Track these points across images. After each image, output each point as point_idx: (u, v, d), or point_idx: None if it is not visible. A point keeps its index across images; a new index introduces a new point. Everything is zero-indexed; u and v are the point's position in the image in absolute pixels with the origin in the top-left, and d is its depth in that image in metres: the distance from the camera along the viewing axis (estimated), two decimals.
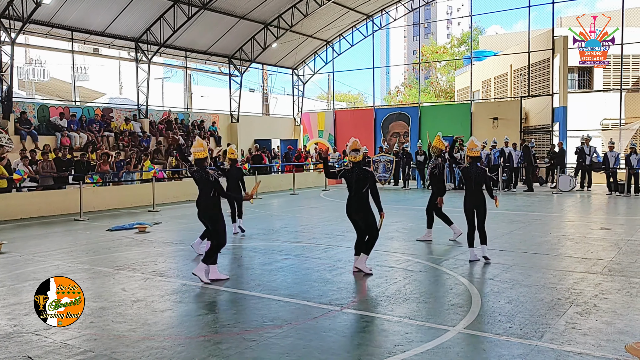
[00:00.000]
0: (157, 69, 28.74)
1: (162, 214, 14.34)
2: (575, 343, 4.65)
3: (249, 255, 8.85)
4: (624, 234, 10.14)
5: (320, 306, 5.83)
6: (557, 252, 8.60)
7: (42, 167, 15.04)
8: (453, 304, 5.84)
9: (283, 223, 12.52)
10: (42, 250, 9.38)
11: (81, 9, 18.52)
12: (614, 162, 18.08)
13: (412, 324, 5.23)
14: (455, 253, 8.52)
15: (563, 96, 22.28)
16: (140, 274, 7.44)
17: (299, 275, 7.31)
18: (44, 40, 19.98)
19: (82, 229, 12.02)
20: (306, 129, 29.91)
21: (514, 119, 23.48)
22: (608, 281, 6.70)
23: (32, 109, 18.50)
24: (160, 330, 5.17)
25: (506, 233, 10.33)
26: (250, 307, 5.91)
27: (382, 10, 27.16)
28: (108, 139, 19.28)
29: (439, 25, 73.55)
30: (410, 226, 11.47)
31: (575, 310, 5.54)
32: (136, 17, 20.08)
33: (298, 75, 29.80)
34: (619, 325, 5.07)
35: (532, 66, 24.38)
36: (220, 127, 25.10)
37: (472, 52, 28.07)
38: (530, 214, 13.30)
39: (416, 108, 26.71)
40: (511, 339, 4.75)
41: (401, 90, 53.85)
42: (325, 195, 19.24)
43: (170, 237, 10.70)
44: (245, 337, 4.92)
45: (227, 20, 22.54)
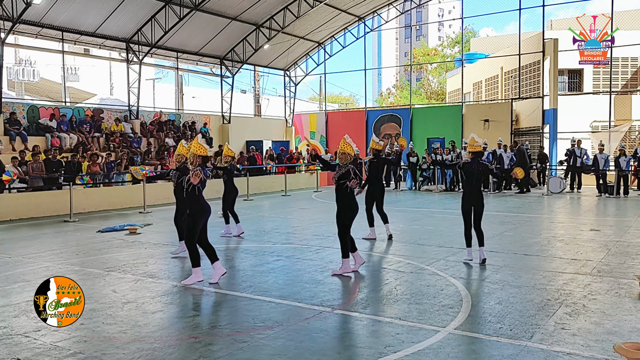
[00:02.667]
0: (148, 70, 28.64)
1: (152, 216, 14.28)
2: (565, 343, 4.68)
3: (240, 257, 8.84)
4: (613, 236, 10.23)
5: (311, 307, 5.83)
6: (547, 253, 8.66)
7: (32, 168, 14.94)
8: (444, 305, 5.86)
9: (274, 224, 12.51)
10: (31, 251, 9.31)
11: (72, 10, 18.42)
12: (603, 164, 18.24)
13: (403, 324, 5.25)
14: (446, 254, 8.56)
15: (553, 98, 22.43)
16: (130, 276, 7.41)
17: (291, 277, 7.32)
18: (34, 40, 19.85)
19: (72, 230, 11.95)
20: (298, 130, 29.91)
21: (504, 120, 23.61)
22: (597, 282, 6.75)
23: (21, 110, 18.37)
24: (151, 331, 5.15)
25: (497, 234, 10.38)
26: (241, 308, 5.90)
27: (373, 12, 27.22)
28: (98, 140, 19.18)
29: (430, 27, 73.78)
30: (402, 228, 11.49)
31: (565, 311, 5.58)
32: (127, 18, 20.00)
33: (290, 77, 29.80)
34: (608, 326, 5.12)
35: (523, 68, 24.54)
36: (212, 129, 25.04)
37: (463, 54, 28.20)
38: (520, 216, 13.38)
39: (408, 110, 26.79)
40: (501, 340, 4.79)
41: (393, 92, 53.98)
42: (317, 197, 19.25)
43: (161, 239, 10.66)
44: (237, 338, 4.92)
45: (219, 21, 22.50)
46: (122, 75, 24.52)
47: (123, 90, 23.58)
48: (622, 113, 24.30)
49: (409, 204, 16.65)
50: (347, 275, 7.18)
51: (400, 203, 16.82)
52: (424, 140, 25.06)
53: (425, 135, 25.37)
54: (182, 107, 26.86)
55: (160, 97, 28.77)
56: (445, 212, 14.26)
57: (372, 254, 8.82)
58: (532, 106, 23.57)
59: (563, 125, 22.66)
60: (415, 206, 15.98)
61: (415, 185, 21.80)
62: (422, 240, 10.01)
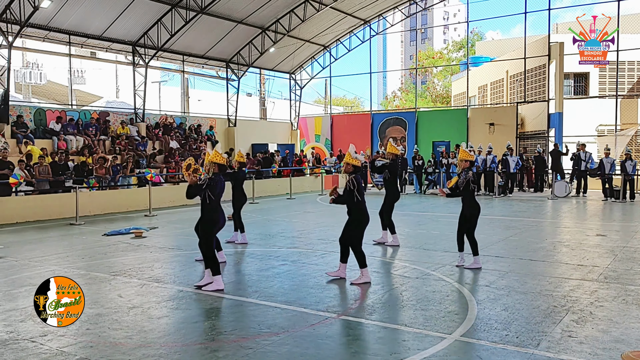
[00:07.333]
0: (154, 73, 28.71)
1: (158, 219, 14.30)
2: (572, 351, 4.66)
3: (246, 261, 8.84)
4: (619, 241, 10.17)
5: (317, 313, 5.83)
6: (552, 259, 8.62)
7: (39, 171, 15.00)
8: (449, 311, 5.85)
9: (280, 228, 12.51)
10: (38, 255, 9.34)
11: (79, 13, 18.52)
12: (609, 168, 18.15)
13: (409, 331, 5.23)
14: (452, 260, 8.53)
15: (559, 102, 22.36)
16: (136, 280, 7.43)
17: (296, 282, 7.31)
18: (42, 43, 19.97)
19: (78, 233, 11.99)
20: (303, 133, 29.93)
21: (510, 124, 23.57)
22: (604, 288, 6.72)
23: (28, 113, 18.47)
24: (156, 337, 5.16)
25: (502, 239, 10.35)
26: (247, 313, 5.90)
27: (379, 16, 27.23)
28: (104, 143, 19.24)
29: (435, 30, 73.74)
30: (407, 232, 11.47)
31: (572, 318, 5.55)
32: (134, 21, 20.09)
33: (295, 80, 29.84)
34: (615, 334, 5.09)
35: (528, 72, 24.47)
36: (218, 132, 25.09)
37: (468, 57, 28.16)
38: (525, 220, 13.33)
39: (413, 113, 26.78)
40: (507, 347, 4.76)
41: (398, 95, 53.91)
42: (322, 200, 19.24)
43: (166, 243, 10.68)
44: (242, 344, 4.92)
45: (225, 25, 22.57)
46: (128, 78, 24.63)
47: (129, 93, 23.67)
48: (628, 117, 24.20)
49: (414, 207, 16.61)
50: (367, 282, 7.09)
51: (406, 207, 16.78)
52: (429, 143, 25.04)
53: (430, 138, 25.35)
54: (187, 110, 26.91)
55: (166, 100, 28.87)
56: (451, 216, 14.21)
57: (378, 259, 8.80)
58: (538, 110, 23.50)
59: (569, 129, 22.59)
60: (421, 210, 15.94)
61: (420, 189, 21.76)
62: (428, 245, 9.99)
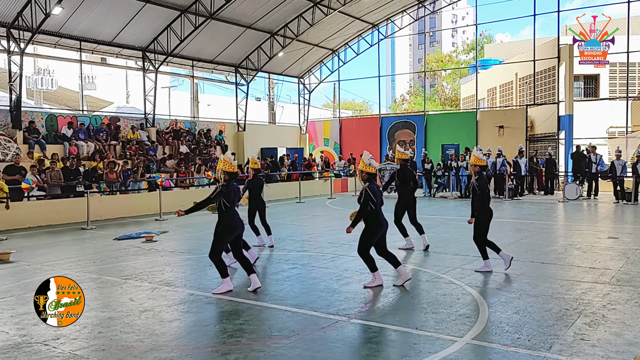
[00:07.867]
0: (164, 78, 28.93)
1: (169, 223, 14.38)
2: (584, 355, 4.62)
3: (257, 264, 8.85)
4: (631, 243, 10.08)
5: (327, 316, 5.83)
6: (564, 262, 8.56)
7: (50, 176, 15.14)
8: (460, 314, 5.83)
9: (289, 232, 12.52)
10: (50, 259, 9.42)
11: (89, 19, 18.71)
12: (620, 170, 18.03)
13: (420, 334, 5.22)
14: (462, 263, 8.50)
15: (569, 104, 22.23)
16: (147, 284, 7.47)
17: (306, 285, 7.32)
18: (53, 50, 20.18)
19: (90, 238, 12.08)
20: (312, 137, 29.98)
21: (519, 127, 23.47)
22: (616, 291, 6.66)
23: (40, 119, 18.66)
24: (168, 340, 5.19)
25: (513, 242, 10.30)
26: (258, 317, 5.92)
27: (387, 20, 27.27)
28: (115, 148, 19.39)
29: (444, 33, 73.65)
30: (417, 235, 11.42)
31: (584, 321, 5.51)
32: (144, 27, 20.25)
33: (304, 84, 29.92)
34: (628, 337, 5.05)
35: (538, 74, 24.36)
36: (227, 136, 25.21)
37: (477, 60, 28.09)
38: (536, 223, 13.26)
39: (422, 116, 26.75)
40: (519, 350, 4.73)
41: (407, 99, 53.85)
42: (331, 204, 19.24)
43: (177, 246, 10.74)
44: (253, 347, 4.93)
45: (234, 30, 22.69)
46: (138, 84, 24.80)
47: (139, 99, 23.84)
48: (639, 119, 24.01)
49: (424, 210, 16.54)
50: (379, 285, 7.08)
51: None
52: (439, 146, 24.98)
53: (439, 141, 25.28)
54: (197, 115, 27.07)
55: (176, 105, 29.02)
56: (460, 219, 14.16)
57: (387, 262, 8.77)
58: (548, 112, 23.38)
59: (579, 131, 22.46)
60: (431, 213, 15.90)
61: (430, 192, 21.72)
62: (438, 248, 9.96)
